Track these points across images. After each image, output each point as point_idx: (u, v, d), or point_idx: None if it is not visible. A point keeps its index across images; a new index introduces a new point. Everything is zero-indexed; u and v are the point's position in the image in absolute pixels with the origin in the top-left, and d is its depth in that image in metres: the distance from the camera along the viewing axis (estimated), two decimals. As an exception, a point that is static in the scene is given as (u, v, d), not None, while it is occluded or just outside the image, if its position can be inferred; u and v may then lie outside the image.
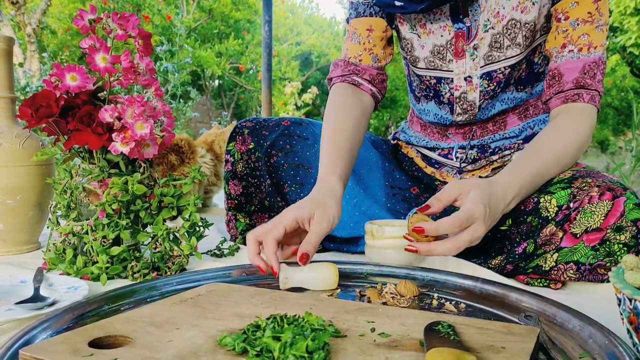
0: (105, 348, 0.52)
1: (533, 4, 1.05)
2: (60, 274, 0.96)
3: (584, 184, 0.93)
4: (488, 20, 1.08)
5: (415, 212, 0.83)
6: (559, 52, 1.05)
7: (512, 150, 1.19)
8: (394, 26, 1.22)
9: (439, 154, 1.27)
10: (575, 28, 1.03)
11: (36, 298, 0.79)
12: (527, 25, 1.06)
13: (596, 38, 1.02)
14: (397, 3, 1.09)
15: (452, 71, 1.14)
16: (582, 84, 1.02)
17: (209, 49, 10.44)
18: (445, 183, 1.24)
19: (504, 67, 1.11)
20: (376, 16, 1.19)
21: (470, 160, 1.22)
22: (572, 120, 1.02)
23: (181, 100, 4.69)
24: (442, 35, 1.12)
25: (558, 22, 1.05)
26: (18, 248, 1.20)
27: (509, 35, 1.07)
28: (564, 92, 1.04)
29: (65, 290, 0.84)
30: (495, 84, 1.13)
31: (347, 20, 1.24)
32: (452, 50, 1.12)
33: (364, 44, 1.20)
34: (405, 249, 0.82)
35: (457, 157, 1.23)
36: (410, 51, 1.20)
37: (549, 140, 0.99)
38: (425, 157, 1.31)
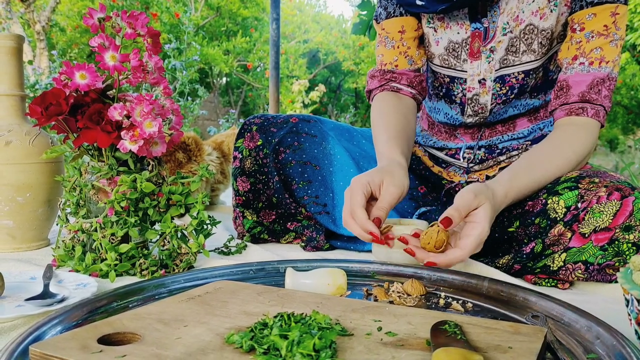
0: (114, 345, 0.52)
1: (551, 11, 1.04)
2: (69, 271, 0.97)
3: (591, 184, 0.93)
4: (507, 23, 1.07)
5: (431, 225, 0.84)
6: (570, 63, 1.04)
7: (520, 151, 1.19)
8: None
9: (446, 154, 1.27)
10: (589, 40, 1.01)
11: (46, 295, 0.80)
12: (543, 32, 1.05)
13: (609, 53, 1.01)
14: (419, 2, 1.08)
15: (465, 72, 1.14)
16: (587, 98, 1.01)
17: (217, 47, 10.46)
18: (452, 182, 1.24)
19: (518, 73, 1.10)
20: (406, 15, 1.18)
21: (477, 161, 1.21)
22: (572, 135, 1.01)
23: (189, 97, 4.70)
24: (458, 33, 1.12)
25: (573, 32, 1.03)
26: (27, 245, 1.21)
27: (525, 40, 1.07)
28: (569, 105, 1.03)
29: (74, 287, 0.85)
30: (507, 88, 1.12)
31: (376, 19, 1.23)
32: (467, 49, 1.12)
33: (398, 47, 1.19)
34: (405, 250, 0.85)
35: (464, 158, 1.23)
36: (427, 46, 1.20)
37: (547, 154, 1.00)
38: (432, 157, 1.30)
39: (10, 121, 1.20)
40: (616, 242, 0.89)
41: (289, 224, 1.31)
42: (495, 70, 1.11)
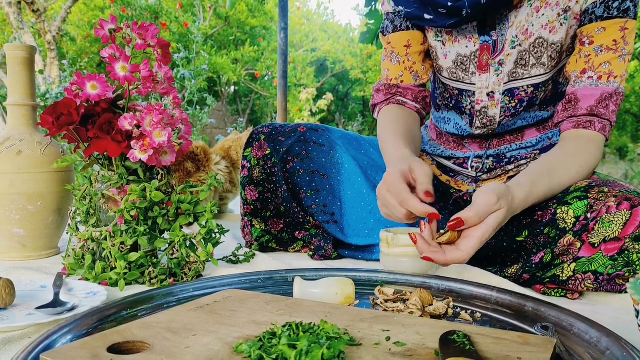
0: (123, 353, 0.53)
1: (561, 24, 1.04)
2: (79, 280, 0.98)
3: (600, 194, 0.92)
4: (516, 36, 1.07)
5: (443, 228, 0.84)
6: (578, 77, 1.04)
7: (529, 160, 1.18)
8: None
9: (455, 163, 1.27)
10: (598, 54, 1.01)
11: (56, 303, 0.80)
12: (553, 45, 1.05)
13: (617, 67, 1.01)
14: (427, 17, 1.09)
15: (474, 84, 1.14)
16: (595, 112, 1.02)
17: (225, 56, 10.53)
18: (460, 191, 1.23)
19: (527, 86, 1.10)
20: (413, 29, 1.19)
21: (486, 170, 1.21)
22: (584, 147, 1.02)
23: (197, 106, 4.72)
24: (467, 46, 1.12)
25: (582, 45, 1.03)
26: (38, 253, 1.22)
27: (535, 53, 1.07)
28: (577, 118, 1.03)
29: (84, 296, 0.86)
30: (517, 101, 1.11)
31: (382, 32, 1.24)
32: (476, 62, 1.12)
33: (403, 62, 1.20)
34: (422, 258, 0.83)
35: (472, 167, 1.23)
36: (435, 60, 1.20)
37: (563, 163, 0.99)
38: (440, 166, 1.30)
39: (22, 131, 1.21)
40: (626, 252, 0.88)
41: (297, 232, 1.31)
42: (504, 84, 1.11)
